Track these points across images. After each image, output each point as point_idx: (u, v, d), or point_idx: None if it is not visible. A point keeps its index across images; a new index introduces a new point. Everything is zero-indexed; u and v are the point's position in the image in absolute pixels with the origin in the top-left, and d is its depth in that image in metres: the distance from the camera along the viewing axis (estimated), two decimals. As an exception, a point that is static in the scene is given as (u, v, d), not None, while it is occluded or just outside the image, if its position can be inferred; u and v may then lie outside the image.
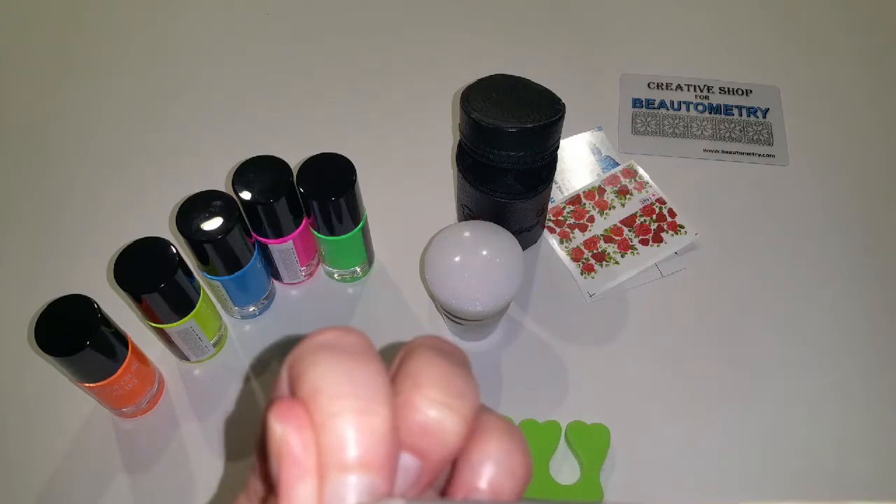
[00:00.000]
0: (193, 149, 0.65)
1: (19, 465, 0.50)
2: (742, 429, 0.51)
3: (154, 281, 0.44)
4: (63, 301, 0.44)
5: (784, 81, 0.68)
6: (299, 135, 0.65)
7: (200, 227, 0.46)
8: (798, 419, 0.52)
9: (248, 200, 0.47)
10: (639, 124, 0.65)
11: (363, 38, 0.72)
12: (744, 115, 0.66)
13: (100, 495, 0.49)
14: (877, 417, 0.52)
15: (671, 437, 0.51)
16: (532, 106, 0.47)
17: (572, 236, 0.59)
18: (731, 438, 0.51)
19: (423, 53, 0.70)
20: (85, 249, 0.59)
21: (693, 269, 0.58)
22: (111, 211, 0.62)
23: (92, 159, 0.65)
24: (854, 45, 0.71)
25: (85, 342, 0.42)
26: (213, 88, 0.69)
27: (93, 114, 0.68)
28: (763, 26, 0.73)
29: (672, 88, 0.67)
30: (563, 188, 0.62)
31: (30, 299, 0.57)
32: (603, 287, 0.57)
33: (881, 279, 0.57)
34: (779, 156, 0.64)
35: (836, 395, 0.53)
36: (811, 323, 0.55)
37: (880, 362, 0.54)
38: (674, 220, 0.60)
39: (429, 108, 0.67)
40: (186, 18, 0.74)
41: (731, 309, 0.56)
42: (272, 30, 0.73)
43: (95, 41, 0.73)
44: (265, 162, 0.48)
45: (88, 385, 0.46)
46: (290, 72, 0.69)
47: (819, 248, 0.59)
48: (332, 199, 0.48)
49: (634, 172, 0.62)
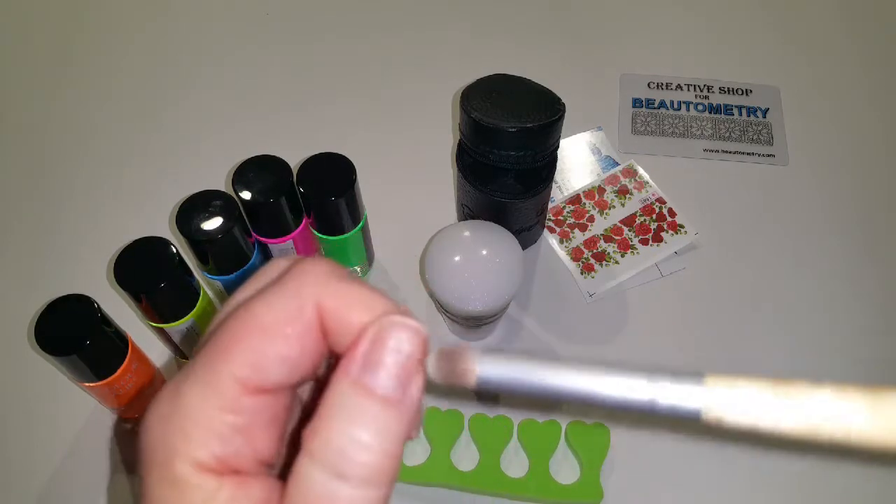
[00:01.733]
0: (193, 148, 0.65)
1: (19, 465, 0.51)
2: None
3: (154, 281, 0.44)
4: (63, 300, 0.44)
5: (784, 81, 0.68)
6: (299, 134, 0.65)
7: (200, 226, 0.46)
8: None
9: (248, 200, 0.47)
10: (639, 124, 0.65)
11: (363, 38, 0.72)
12: (744, 115, 0.66)
13: (100, 495, 0.49)
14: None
15: (671, 438, 0.51)
16: (532, 106, 0.47)
17: (572, 236, 0.59)
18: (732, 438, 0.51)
19: (423, 53, 0.70)
20: (85, 249, 0.59)
21: (693, 269, 0.58)
22: (111, 210, 0.62)
23: (92, 159, 0.65)
24: (854, 45, 0.71)
25: (85, 342, 0.42)
26: (214, 88, 0.69)
27: (93, 113, 0.68)
28: (763, 26, 0.73)
29: (672, 88, 0.67)
30: (563, 188, 0.62)
31: (30, 299, 0.56)
32: (603, 287, 0.57)
33: (881, 279, 0.57)
34: (779, 156, 0.64)
35: (836, 394, 0.52)
36: (811, 323, 0.55)
37: (881, 362, 0.54)
38: (674, 219, 0.60)
39: (429, 108, 0.67)
40: (187, 18, 0.74)
41: (730, 308, 0.56)
42: (272, 30, 0.73)
43: (95, 41, 0.73)
44: (265, 161, 0.48)
45: (88, 385, 0.46)
46: (290, 72, 0.69)
47: (819, 248, 0.59)
48: (332, 199, 0.48)
49: (634, 172, 0.62)
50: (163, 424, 0.19)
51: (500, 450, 0.49)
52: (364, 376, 0.19)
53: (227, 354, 0.19)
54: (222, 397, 0.19)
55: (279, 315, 0.20)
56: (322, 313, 0.20)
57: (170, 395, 0.20)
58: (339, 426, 0.18)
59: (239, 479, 0.19)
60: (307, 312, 0.20)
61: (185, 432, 0.19)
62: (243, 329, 0.20)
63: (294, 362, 0.20)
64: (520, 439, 0.50)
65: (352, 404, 0.19)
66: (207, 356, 0.20)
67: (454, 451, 0.50)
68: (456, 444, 0.50)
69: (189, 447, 0.19)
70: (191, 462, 0.19)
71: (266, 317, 0.20)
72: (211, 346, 0.20)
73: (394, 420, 0.19)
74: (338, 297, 0.20)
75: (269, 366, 0.19)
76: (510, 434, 0.50)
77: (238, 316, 0.20)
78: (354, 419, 0.18)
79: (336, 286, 0.20)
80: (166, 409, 0.19)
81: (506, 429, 0.50)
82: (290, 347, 0.20)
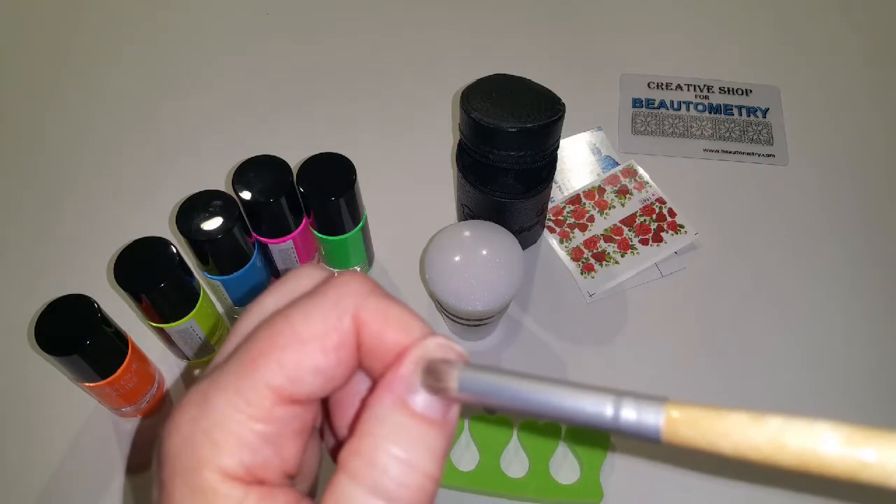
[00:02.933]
0: (193, 149, 0.65)
1: (19, 465, 0.51)
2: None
3: (154, 281, 0.44)
4: (63, 300, 0.44)
5: (784, 81, 0.68)
6: (299, 134, 0.65)
7: (200, 226, 0.46)
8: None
9: (248, 200, 0.47)
10: (639, 124, 0.65)
11: (363, 38, 0.72)
12: (744, 115, 0.66)
13: (99, 495, 0.49)
14: (880, 418, 0.52)
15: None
16: (532, 106, 0.47)
17: (572, 236, 0.59)
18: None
19: (423, 53, 0.70)
20: (85, 249, 0.59)
21: (693, 269, 0.58)
22: (111, 211, 0.62)
23: (92, 159, 0.65)
24: (854, 45, 0.71)
25: (85, 342, 0.42)
26: (214, 88, 0.69)
27: (93, 113, 0.68)
28: (763, 26, 0.73)
29: (672, 88, 0.67)
30: (563, 188, 0.62)
31: (30, 299, 0.56)
32: (603, 287, 0.57)
33: (881, 279, 0.57)
34: (779, 156, 0.64)
35: (837, 395, 0.53)
36: (811, 322, 0.55)
37: (881, 362, 0.54)
38: (674, 219, 0.60)
39: (429, 108, 0.67)
40: (186, 18, 0.74)
41: (730, 309, 0.56)
42: (272, 30, 0.73)
43: (94, 40, 0.73)
44: (265, 161, 0.48)
45: (88, 385, 0.46)
46: (289, 71, 0.69)
47: (819, 248, 0.59)
48: (331, 199, 0.48)
49: (634, 172, 0.62)
50: (190, 431, 0.19)
51: (500, 450, 0.49)
52: (409, 396, 0.19)
53: (261, 363, 0.19)
54: (254, 406, 0.19)
55: (317, 325, 0.20)
56: (359, 328, 0.20)
57: (197, 401, 0.19)
58: (383, 445, 0.18)
59: (265, 489, 0.19)
60: (345, 325, 0.20)
61: (214, 440, 0.19)
62: (280, 338, 0.19)
63: (329, 374, 0.20)
64: (520, 439, 0.50)
65: (396, 423, 0.19)
66: (240, 363, 0.19)
67: (454, 452, 0.50)
68: (456, 444, 0.50)
69: (217, 455, 0.19)
70: (219, 470, 0.18)
71: (304, 326, 0.20)
72: (244, 353, 0.20)
73: (437, 440, 0.19)
74: (376, 313, 0.20)
75: (304, 376, 0.19)
76: (510, 434, 0.50)
77: (274, 324, 0.20)
78: (399, 439, 0.18)
79: (375, 302, 0.20)
80: (194, 414, 0.19)
81: (506, 429, 0.50)
82: (327, 359, 0.20)
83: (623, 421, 0.17)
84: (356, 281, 0.21)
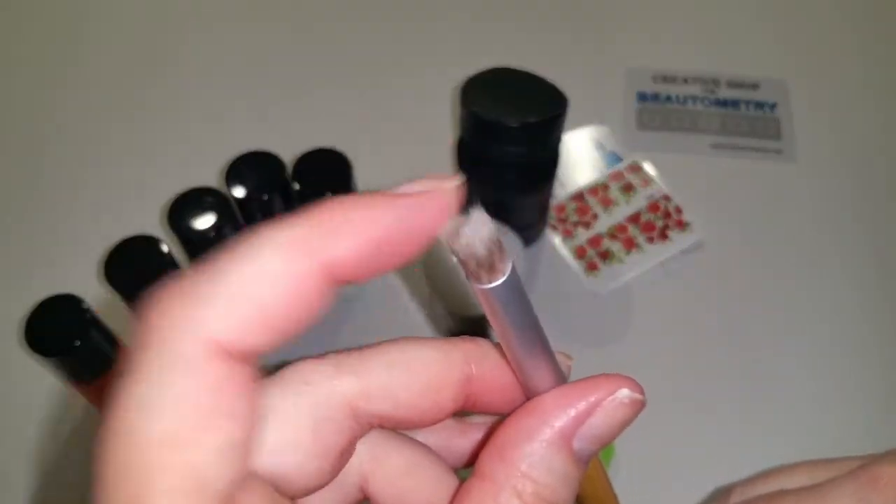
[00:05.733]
0: (185, 144, 0.64)
1: (8, 467, 0.50)
2: (747, 429, 0.50)
3: (144, 280, 0.43)
4: (52, 301, 0.43)
5: (793, 75, 0.67)
6: (294, 129, 0.64)
7: (192, 224, 0.45)
8: (805, 420, 0.51)
9: (241, 197, 0.46)
10: (644, 119, 0.64)
11: (360, 30, 0.71)
12: (752, 109, 0.65)
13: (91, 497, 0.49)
14: (883, 418, 0.51)
15: (674, 438, 0.50)
16: (534, 100, 0.46)
17: (575, 234, 0.58)
18: (736, 439, 0.50)
19: (422, 46, 0.69)
20: (74, 248, 0.59)
21: (700, 268, 0.57)
22: (100, 208, 0.61)
23: (80, 155, 0.64)
24: (864, 37, 0.70)
25: (75, 342, 0.42)
26: (206, 82, 0.68)
27: (81, 108, 0.67)
28: (771, 18, 0.71)
29: (678, 82, 0.66)
30: (566, 184, 0.61)
31: (19, 299, 0.56)
32: (607, 286, 0.56)
33: (893, 278, 0.56)
34: (787, 151, 0.62)
35: (844, 395, 0.52)
36: (820, 322, 0.54)
37: (890, 364, 0.53)
38: (680, 217, 0.59)
39: (428, 102, 0.66)
40: (177, 8, 0.73)
41: (738, 308, 0.55)
42: (266, 21, 0.72)
43: (81, 33, 0.72)
44: (259, 157, 0.48)
45: (79, 386, 0.45)
46: (284, 65, 0.68)
47: (829, 246, 0.58)
48: (327, 196, 0.47)
49: (640, 168, 0.61)
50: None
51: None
52: (569, 434, 0.19)
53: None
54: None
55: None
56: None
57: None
58: (533, 474, 0.18)
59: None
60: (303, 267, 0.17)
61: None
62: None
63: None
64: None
65: (546, 457, 0.19)
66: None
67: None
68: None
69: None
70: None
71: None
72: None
73: (577, 482, 0.19)
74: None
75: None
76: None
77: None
78: (546, 471, 0.19)
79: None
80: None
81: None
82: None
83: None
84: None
